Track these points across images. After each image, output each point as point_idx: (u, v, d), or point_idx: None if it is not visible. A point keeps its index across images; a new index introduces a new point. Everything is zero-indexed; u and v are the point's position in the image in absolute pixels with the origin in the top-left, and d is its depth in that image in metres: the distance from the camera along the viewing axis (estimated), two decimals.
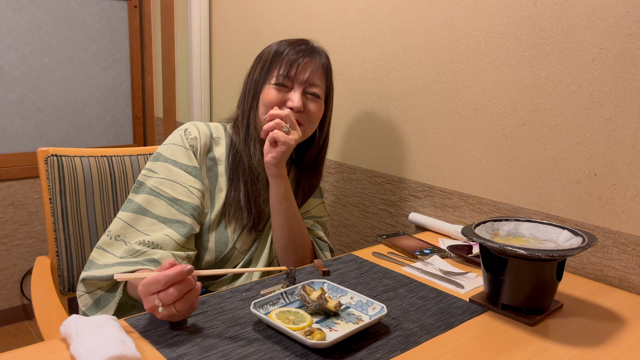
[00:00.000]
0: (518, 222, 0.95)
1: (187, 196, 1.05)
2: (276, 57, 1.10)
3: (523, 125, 1.16)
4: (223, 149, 1.14)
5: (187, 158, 1.08)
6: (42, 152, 1.26)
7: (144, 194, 1.03)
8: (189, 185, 1.06)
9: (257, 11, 1.92)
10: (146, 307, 0.78)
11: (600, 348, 0.78)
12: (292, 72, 1.08)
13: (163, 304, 0.75)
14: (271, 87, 1.09)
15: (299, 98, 1.08)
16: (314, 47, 1.14)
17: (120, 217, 1.02)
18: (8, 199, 2.38)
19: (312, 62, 1.11)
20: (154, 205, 1.02)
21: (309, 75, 1.09)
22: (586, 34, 1.04)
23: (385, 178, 1.50)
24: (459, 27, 1.26)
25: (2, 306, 2.47)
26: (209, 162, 1.12)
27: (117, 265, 0.96)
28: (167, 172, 1.05)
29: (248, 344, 0.74)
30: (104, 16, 2.50)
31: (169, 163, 1.07)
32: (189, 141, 1.09)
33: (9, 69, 2.28)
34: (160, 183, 1.04)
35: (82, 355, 0.66)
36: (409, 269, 1.07)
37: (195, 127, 1.12)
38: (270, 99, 1.08)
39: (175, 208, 1.03)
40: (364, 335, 0.78)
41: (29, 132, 2.39)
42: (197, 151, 1.09)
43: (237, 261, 1.13)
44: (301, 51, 1.10)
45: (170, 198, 1.03)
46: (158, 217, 1.02)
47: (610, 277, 1.05)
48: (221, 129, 1.17)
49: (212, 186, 1.11)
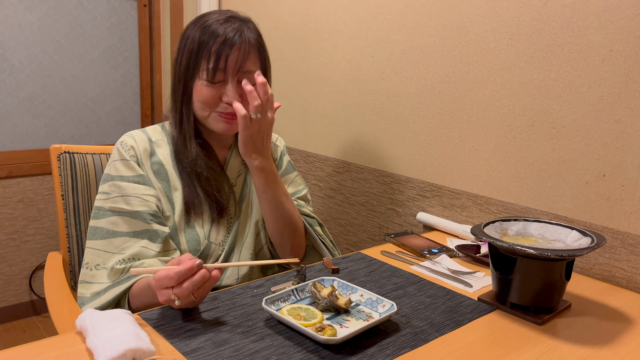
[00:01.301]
0: (527, 222, 0.96)
1: (144, 205, 1.01)
2: (202, 48, 1.01)
3: (532, 126, 1.17)
4: (166, 149, 1.10)
5: (131, 169, 1.04)
6: (54, 149, 1.28)
7: (106, 218, 1.01)
8: (141, 194, 1.02)
9: (266, 11, 1.93)
10: (161, 300, 0.79)
11: (608, 347, 0.79)
12: (221, 65, 1.00)
13: (178, 298, 0.77)
14: (203, 84, 1.02)
15: (235, 93, 1.02)
16: (239, 26, 1.03)
17: (91, 247, 1.00)
18: (18, 196, 2.41)
19: (241, 47, 1.01)
20: (118, 224, 1.00)
21: (240, 64, 1.02)
22: (596, 36, 1.05)
23: (394, 177, 1.50)
24: (468, 28, 1.27)
25: (11, 301, 2.49)
26: (155, 166, 1.07)
27: (109, 289, 0.96)
28: (118, 189, 1.02)
29: (260, 339, 0.75)
30: (114, 15, 2.52)
31: (116, 180, 1.03)
32: (126, 152, 1.05)
33: (20, 67, 2.31)
34: (115, 202, 1.01)
35: (98, 348, 0.67)
36: (417, 267, 1.08)
37: (130, 137, 1.08)
38: (204, 97, 1.02)
39: (139, 220, 1.00)
40: (374, 332, 0.79)
41: (40, 130, 2.41)
42: (138, 159, 1.06)
43: (217, 253, 1.09)
44: (226, 37, 1.00)
45: (130, 213, 1.00)
46: (127, 234, 0.99)
47: (618, 278, 1.05)
48: (159, 130, 1.13)
49: (166, 188, 1.07)
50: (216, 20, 1.03)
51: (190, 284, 0.77)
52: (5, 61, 2.27)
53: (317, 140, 1.77)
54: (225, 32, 1.01)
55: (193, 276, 0.77)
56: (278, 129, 1.94)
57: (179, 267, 0.77)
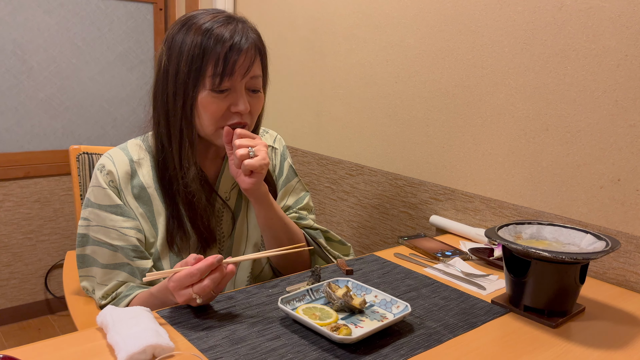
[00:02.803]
0: (541, 225, 0.96)
1: (123, 239, 0.95)
2: (206, 52, 0.91)
3: (546, 130, 1.17)
4: (148, 169, 1.01)
5: (108, 198, 0.96)
6: (73, 150, 1.30)
7: (89, 246, 0.97)
8: (119, 227, 0.96)
9: (281, 15, 1.95)
10: (181, 301, 0.80)
11: (622, 352, 0.79)
12: (230, 71, 0.91)
13: (200, 295, 0.78)
14: (210, 94, 0.93)
15: (246, 101, 0.94)
16: (242, 27, 0.95)
17: (82, 275, 1.00)
18: (35, 196, 2.45)
19: (247, 50, 0.93)
20: (99, 254, 0.96)
21: (247, 69, 0.93)
22: (611, 41, 1.05)
23: (407, 181, 1.51)
24: (483, 32, 1.27)
25: (27, 300, 2.53)
26: (136, 190, 0.99)
27: None
28: (97, 218, 0.96)
29: (276, 338, 0.76)
30: (130, 18, 2.56)
31: (95, 208, 0.97)
32: (104, 178, 0.97)
33: (38, 69, 2.35)
34: (96, 232, 0.96)
35: (119, 343, 0.68)
36: (430, 270, 1.08)
37: (109, 159, 0.99)
38: (213, 110, 0.93)
39: (119, 253, 0.96)
40: (388, 332, 0.79)
41: (57, 131, 2.45)
42: (117, 185, 0.98)
43: None
44: (235, 41, 0.92)
45: (110, 245, 0.96)
46: (108, 266, 0.96)
47: (632, 282, 1.05)
48: (140, 145, 1.03)
49: (149, 212, 0.99)
50: (215, 22, 0.93)
51: (211, 281, 0.78)
52: (24, 63, 2.31)
53: (331, 143, 1.78)
54: (232, 36, 0.92)
55: (213, 272, 0.78)
56: (292, 132, 1.96)
57: (200, 264, 0.78)
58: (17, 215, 2.42)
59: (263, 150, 0.92)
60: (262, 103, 1.01)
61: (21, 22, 2.27)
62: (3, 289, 2.45)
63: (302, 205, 1.18)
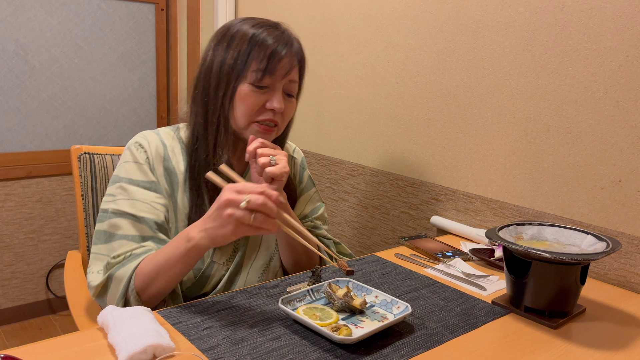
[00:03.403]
0: (542, 226, 0.96)
1: (152, 213, 0.96)
2: (254, 47, 0.96)
3: (547, 131, 1.17)
4: (180, 158, 1.03)
5: (143, 174, 0.98)
6: (75, 150, 1.31)
7: (107, 221, 0.96)
8: (151, 201, 0.97)
9: (283, 15, 1.95)
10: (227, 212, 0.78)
11: (622, 353, 0.79)
12: (273, 69, 0.96)
13: (248, 205, 0.77)
14: (250, 88, 0.97)
15: (281, 100, 0.98)
16: (289, 35, 1.02)
17: (94, 252, 0.96)
18: (37, 195, 2.45)
19: (290, 55, 0.99)
20: (119, 226, 0.94)
21: (288, 71, 0.99)
22: (612, 41, 1.05)
23: (408, 181, 1.51)
24: (484, 33, 1.27)
25: (28, 300, 2.54)
26: (166, 173, 1.01)
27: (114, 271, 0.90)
28: (125, 192, 0.96)
29: (276, 338, 0.77)
30: (132, 19, 2.56)
31: (125, 182, 0.97)
32: (140, 155, 0.99)
33: (40, 69, 2.35)
34: (119, 204, 0.96)
35: (120, 343, 0.69)
36: (431, 270, 1.08)
37: (144, 139, 1.02)
38: (250, 103, 0.97)
39: (144, 225, 0.95)
40: (389, 332, 0.80)
41: (59, 131, 2.46)
42: (151, 164, 1.00)
43: (220, 275, 1.04)
44: (280, 41, 0.98)
45: (133, 217, 0.95)
46: (126, 237, 0.94)
47: (633, 283, 1.05)
48: (172, 135, 1.06)
49: (174, 199, 1.01)
50: (265, 25, 1.00)
51: (264, 199, 0.77)
52: (27, 63, 2.32)
53: (332, 143, 1.78)
54: (279, 39, 0.98)
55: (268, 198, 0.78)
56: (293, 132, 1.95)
57: (259, 185, 0.79)
58: (18, 215, 2.42)
59: (283, 159, 0.95)
60: (294, 108, 1.06)
61: (23, 22, 2.28)
62: (5, 288, 2.46)
63: (317, 215, 1.21)
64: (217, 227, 0.81)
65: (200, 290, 1.04)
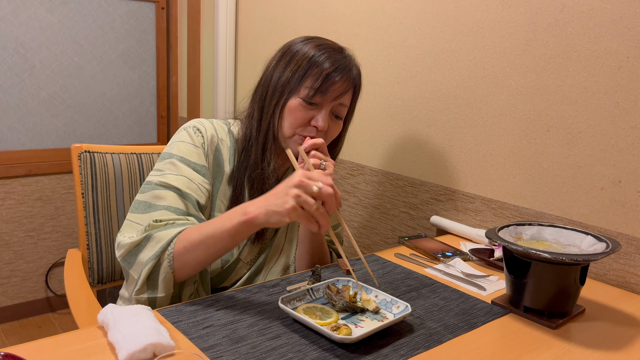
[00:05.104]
0: (541, 226, 0.96)
1: (196, 192, 0.99)
2: (312, 66, 1.01)
3: (547, 131, 1.17)
4: (227, 151, 1.08)
5: (197, 156, 1.02)
6: (75, 148, 1.31)
7: (149, 192, 0.97)
8: (199, 182, 1.00)
9: (283, 14, 1.95)
10: (294, 192, 0.80)
11: (621, 353, 0.79)
12: (325, 89, 1.00)
13: (319, 192, 0.80)
14: (300, 102, 1.02)
15: (326, 119, 1.02)
16: (350, 61, 1.05)
17: (129, 219, 0.97)
18: (36, 194, 2.45)
19: (346, 80, 1.03)
20: (162, 197, 0.96)
21: (339, 95, 1.03)
22: (613, 42, 1.05)
23: (408, 181, 1.51)
24: (484, 33, 1.27)
25: (27, 298, 2.54)
26: (215, 163, 1.06)
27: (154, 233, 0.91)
28: (174, 168, 0.99)
29: (276, 337, 0.77)
30: (132, 17, 2.56)
31: (177, 160, 1.00)
32: (198, 139, 1.04)
33: (41, 67, 2.35)
34: (166, 178, 0.98)
35: (120, 342, 0.69)
36: (431, 270, 1.08)
37: (202, 125, 1.06)
38: (297, 117, 1.02)
39: (187, 201, 0.97)
40: (388, 332, 0.80)
41: (59, 129, 2.46)
42: (206, 150, 1.04)
43: (242, 273, 1.09)
44: (339, 65, 1.02)
45: (179, 191, 0.97)
46: (169, 208, 0.95)
47: (632, 284, 1.05)
48: (225, 129, 1.10)
49: (215, 189, 1.05)
50: (331, 47, 1.04)
51: (332, 191, 0.81)
52: (27, 62, 2.32)
53: None
54: (339, 62, 1.02)
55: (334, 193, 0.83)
56: None
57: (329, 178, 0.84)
58: (18, 213, 2.42)
59: (331, 167, 0.99)
60: (339, 130, 1.09)
61: (23, 20, 2.28)
62: (4, 286, 2.46)
63: (335, 232, 1.24)
64: (278, 204, 0.82)
65: (220, 283, 1.07)
